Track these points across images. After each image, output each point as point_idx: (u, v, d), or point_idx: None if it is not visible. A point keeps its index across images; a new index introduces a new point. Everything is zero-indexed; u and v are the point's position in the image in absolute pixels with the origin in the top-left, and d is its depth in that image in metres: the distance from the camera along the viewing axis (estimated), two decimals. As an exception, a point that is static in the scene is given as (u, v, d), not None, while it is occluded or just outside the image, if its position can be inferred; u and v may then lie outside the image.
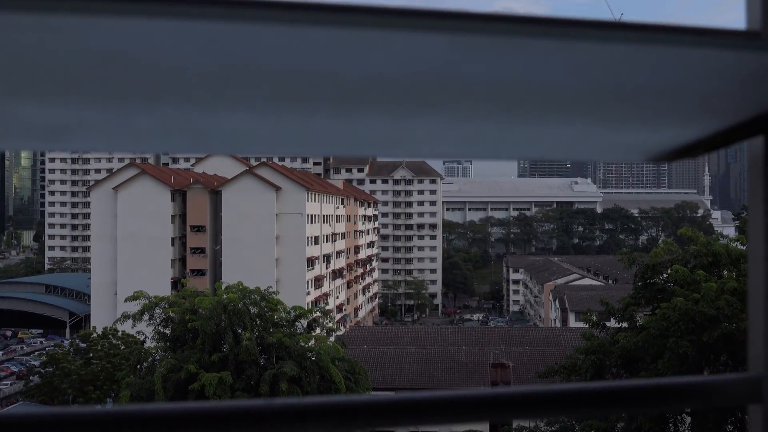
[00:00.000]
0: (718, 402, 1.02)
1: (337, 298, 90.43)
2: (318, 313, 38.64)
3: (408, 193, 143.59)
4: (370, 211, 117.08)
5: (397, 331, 62.35)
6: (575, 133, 1.11)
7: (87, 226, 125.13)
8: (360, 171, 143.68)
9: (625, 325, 26.85)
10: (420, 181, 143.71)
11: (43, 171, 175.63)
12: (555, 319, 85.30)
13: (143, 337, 37.36)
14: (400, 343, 54.80)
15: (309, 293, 76.85)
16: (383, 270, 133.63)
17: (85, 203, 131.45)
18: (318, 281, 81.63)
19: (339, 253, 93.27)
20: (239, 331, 33.81)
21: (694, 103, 1.01)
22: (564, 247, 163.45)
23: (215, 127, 0.97)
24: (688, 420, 24.14)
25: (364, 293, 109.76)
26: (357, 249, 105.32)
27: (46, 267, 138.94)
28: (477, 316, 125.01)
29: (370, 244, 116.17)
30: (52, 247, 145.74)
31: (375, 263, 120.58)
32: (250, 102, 0.89)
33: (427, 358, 50.69)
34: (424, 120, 1.00)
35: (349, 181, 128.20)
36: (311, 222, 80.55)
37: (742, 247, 27.26)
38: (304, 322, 36.10)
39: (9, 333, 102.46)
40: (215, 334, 33.21)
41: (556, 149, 1.17)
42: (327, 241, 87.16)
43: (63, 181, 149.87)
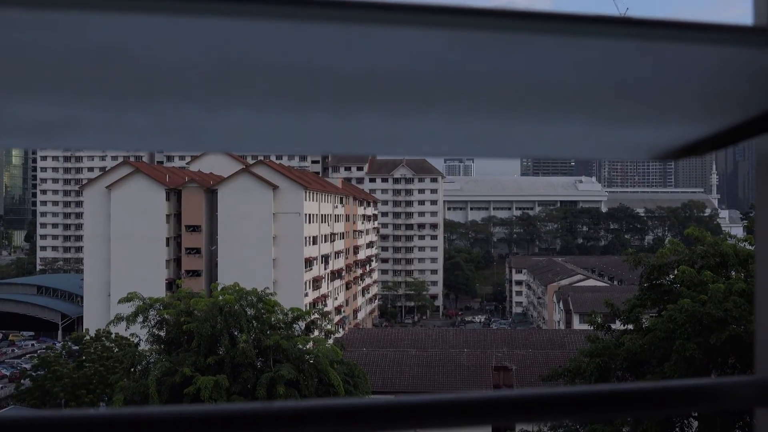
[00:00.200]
0: (724, 405, 1.02)
1: (335, 299, 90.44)
2: (316, 315, 38.64)
3: (408, 192, 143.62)
4: (370, 211, 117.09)
5: (398, 334, 62.34)
6: (579, 131, 1.11)
7: (79, 226, 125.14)
8: (359, 169, 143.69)
9: (630, 327, 26.86)
10: (421, 180, 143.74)
11: (34, 169, 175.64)
12: (559, 321, 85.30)
13: (137, 339, 37.34)
14: (400, 346, 54.80)
15: (307, 294, 76.85)
16: (383, 271, 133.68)
17: (78, 202, 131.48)
18: (316, 282, 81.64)
19: (338, 253, 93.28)
20: (235, 333, 33.80)
21: (700, 100, 1.01)
22: (568, 247, 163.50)
23: (212, 125, 0.97)
24: (695, 424, 24.14)
25: (363, 294, 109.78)
26: (356, 249, 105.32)
27: (38, 268, 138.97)
28: (479, 318, 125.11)
29: (370, 245, 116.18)
30: (43, 248, 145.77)
31: (374, 264, 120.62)
32: (248, 99, 0.89)
33: (428, 361, 50.68)
34: (424, 117, 1.00)
35: (348, 179, 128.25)
36: (309, 222, 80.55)
37: (750, 247, 27.27)
38: (302, 324, 36.10)
39: (0, 335, 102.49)
40: (211, 336, 33.20)
41: (560, 147, 1.18)
42: (325, 242, 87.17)
43: (55, 180, 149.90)
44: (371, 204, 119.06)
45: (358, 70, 0.84)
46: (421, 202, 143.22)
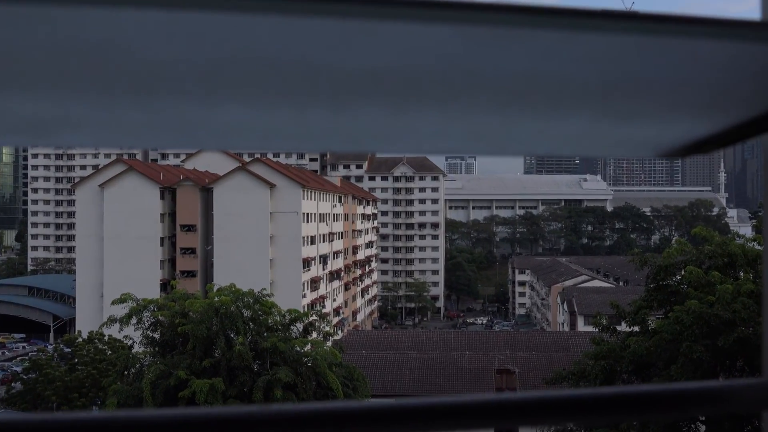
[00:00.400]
0: (732, 408, 1.02)
1: (334, 300, 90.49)
2: (314, 317, 38.66)
3: (409, 190, 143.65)
4: (369, 210, 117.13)
5: (398, 336, 62.39)
6: (583, 128, 1.11)
7: (72, 226, 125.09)
8: (358, 167, 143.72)
9: (636, 329, 26.88)
10: (421, 178, 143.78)
11: (25, 167, 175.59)
12: (563, 323, 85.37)
13: (131, 341, 37.35)
14: (400, 348, 54.84)
15: (305, 296, 76.90)
16: (383, 271, 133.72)
17: (70, 201, 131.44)
18: (314, 283, 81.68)
19: (336, 253, 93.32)
20: (232, 335, 33.82)
21: (707, 96, 1.01)
22: (572, 247, 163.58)
23: (207, 122, 0.97)
24: (703, 428, 24.17)
25: (362, 296, 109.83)
26: (355, 249, 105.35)
27: (29, 268, 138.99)
28: (481, 320, 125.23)
29: (369, 244, 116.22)
30: (35, 248, 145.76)
31: (374, 264, 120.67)
32: (244, 95, 0.89)
33: (429, 363, 50.70)
34: (425, 114, 1.00)
35: (347, 178, 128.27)
36: (307, 221, 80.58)
37: (759, 247, 27.29)
38: (300, 326, 36.12)
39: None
40: (206, 338, 33.22)
41: (564, 144, 1.17)
42: (324, 241, 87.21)
43: (47, 178, 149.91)
44: (371, 203, 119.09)
45: (358, 66, 0.84)
46: (422, 201, 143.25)
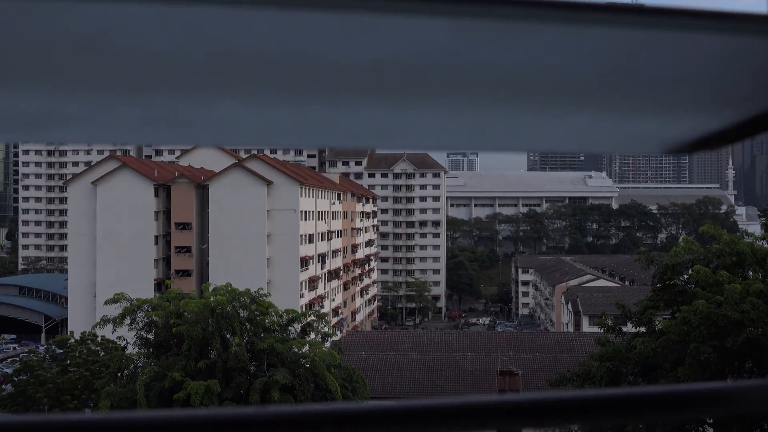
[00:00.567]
0: (740, 410, 1.02)
1: (333, 300, 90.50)
2: (312, 317, 38.66)
3: (409, 187, 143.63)
4: (369, 207, 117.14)
5: (398, 336, 62.41)
6: (588, 124, 1.10)
7: (64, 224, 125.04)
8: (358, 164, 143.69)
9: (642, 329, 26.90)
10: (422, 175, 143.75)
11: (16, 164, 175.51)
12: (567, 324, 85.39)
13: (124, 342, 37.35)
14: (400, 349, 54.86)
15: (303, 295, 76.90)
16: (383, 270, 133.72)
17: (62, 198, 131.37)
18: (312, 282, 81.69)
19: (335, 252, 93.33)
20: (228, 336, 33.83)
21: (714, 91, 1.01)
22: (577, 245, 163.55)
23: (203, 117, 0.96)
24: (711, 430, 24.19)
25: (362, 295, 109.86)
26: (354, 248, 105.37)
27: (20, 267, 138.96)
28: (483, 320, 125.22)
29: (369, 243, 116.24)
30: (26, 246, 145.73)
31: (374, 263, 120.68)
32: (241, 90, 0.89)
33: (430, 365, 50.72)
34: (426, 110, 1.00)
35: (345, 174, 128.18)
36: (305, 219, 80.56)
37: (768, 245, 27.29)
38: (298, 327, 36.13)
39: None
40: (202, 339, 33.23)
41: (568, 141, 1.17)
42: (322, 240, 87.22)
43: (38, 175, 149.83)
44: (370, 200, 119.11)
45: (357, 60, 0.84)
46: (423, 199, 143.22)
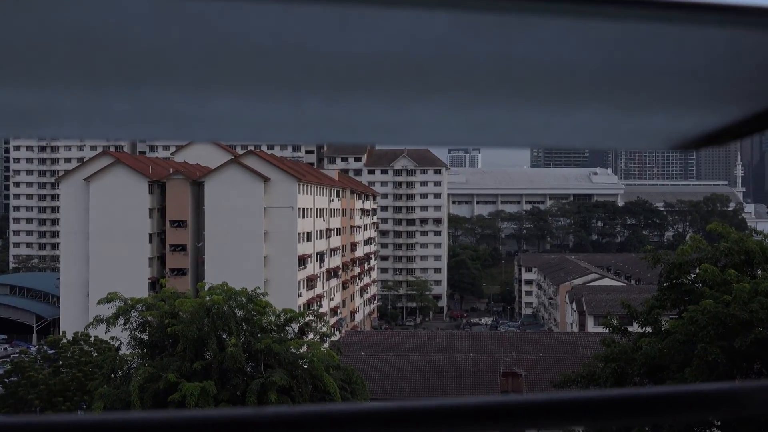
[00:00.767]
0: (748, 411, 1.02)
1: (331, 300, 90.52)
2: (311, 317, 38.67)
3: (410, 184, 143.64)
4: (369, 205, 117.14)
5: (398, 337, 62.42)
6: (592, 119, 1.10)
7: (56, 221, 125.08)
8: (357, 160, 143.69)
9: (648, 329, 26.91)
10: (423, 172, 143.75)
11: (6, 160, 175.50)
12: (572, 324, 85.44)
13: (118, 343, 37.36)
14: (401, 350, 54.88)
15: (301, 295, 76.92)
16: (383, 269, 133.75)
17: (54, 195, 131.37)
18: (311, 281, 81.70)
19: (334, 250, 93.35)
20: (224, 336, 33.84)
21: (721, 86, 1.00)
22: (582, 243, 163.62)
23: (199, 112, 0.96)
24: (718, 433, 24.21)
25: (361, 295, 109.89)
26: (354, 246, 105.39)
27: (11, 266, 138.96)
28: (486, 320, 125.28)
29: (369, 241, 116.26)
30: (17, 244, 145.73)
31: (374, 262, 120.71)
32: (237, 85, 0.89)
33: (431, 366, 50.75)
34: (427, 104, 1.00)
35: (345, 171, 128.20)
36: (303, 216, 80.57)
37: (777, 243, 27.30)
38: (296, 327, 36.14)
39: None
40: (197, 339, 33.24)
41: (572, 136, 1.17)
42: (321, 238, 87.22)
43: (29, 171, 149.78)
44: (370, 197, 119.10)
45: (357, 54, 0.84)
46: (424, 196, 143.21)
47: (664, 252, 29.82)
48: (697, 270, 26.93)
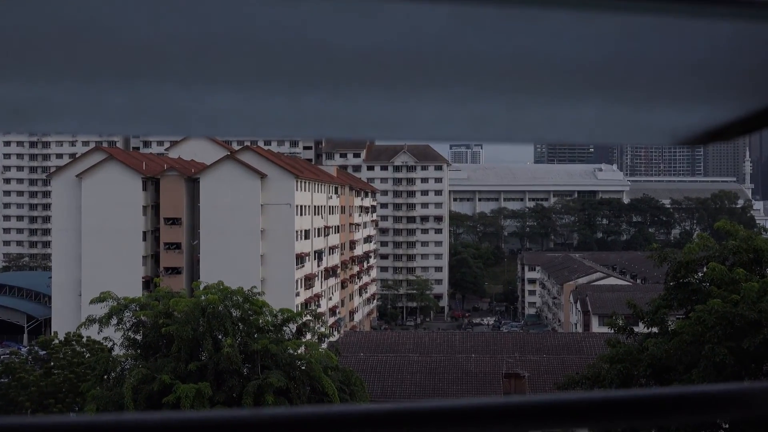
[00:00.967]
0: (756, 412, 1.02)
1: (330, 299, 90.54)
2: (308, 317, 38.69)
3: (410, 181, 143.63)
4: (368, 202, 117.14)
5: (398, 337, 62.44)
6: (597, 114, 1.11)
7: (47, 218, 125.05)
8: (356, 156, 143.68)
9: (655, 330, 26.92)
10: (424, 168, 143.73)
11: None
12: (576, 324, 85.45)
13: (111, 343, 37.38)
14: (401, 351, 54.90)
15: (298, 294, 76.92)
16: (382, 268, 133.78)
17: (45, 192, 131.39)
18: (308, 281, 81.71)
19: (332, 248, 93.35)
20: (219, 336, 33.84)
21: (729, 80, 1.00)
22: (586, 242, 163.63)
23: (195, 107, 0.96)
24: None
25: (360, 294, 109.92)
26: (353, 244, 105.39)
27: (1, 265, 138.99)
28: (488, 320, 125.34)
29: (368, 239, 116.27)
30: (7, 242, 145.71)
31: (373, 260, 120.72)
32: (234, 79, 0.89)
33: (432, 367, 50.78)
34: (428, 99, 1.00)
35: (343, 167, 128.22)
36: (301, 214, 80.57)
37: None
38: (293, 327, 36.14)
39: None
40: (192, 340, 33.25)
41: (576, 131, 1.17)
42: (319, 236, 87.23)
43: (20, 168, 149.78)
44: (369, 194, 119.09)
45: (356, 48, 0.84)
46: (425, 193, 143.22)
47: (671, 250, 29.83)
48: (705, 269, 26.94)
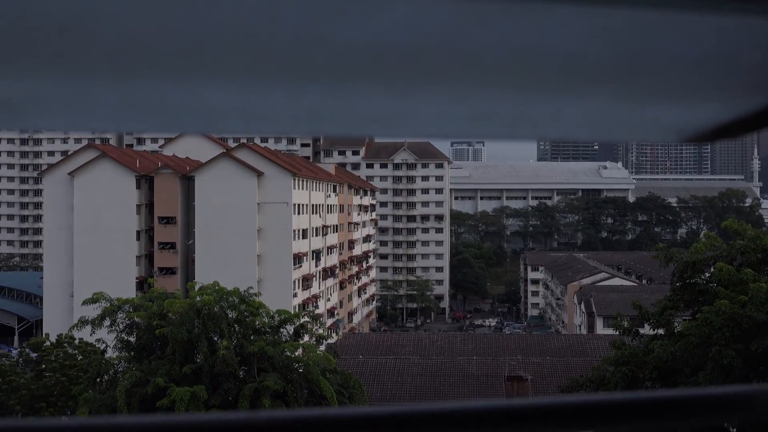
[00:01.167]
0: (764, 416, 1.02)
1: (328, 300, 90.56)
2: (306, 318, 38.69)
3: (410, 179, 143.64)
4: (367, 200, 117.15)
5: (398, 339, 62.46)
6: (602, 110, 1.11)
7: (38, 217, 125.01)
8: (355, 154, 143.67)
9: (661, 331, 26.93)
10: (424, 166, 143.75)
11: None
12: (580, 325, 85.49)
13: (104, 345, 37.40)
14: (401, 353, 54.92)
15: (296, 295, 76.94)
16: (382, 268, 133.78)
17: (37, 191, 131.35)
18: (306, 281, 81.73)
19: (331, 248, 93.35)
20: (215, 338, 33.85)
21: (736, 76, 1.00)
22: (591, 241, 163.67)
23: (191, 103, 0.96)
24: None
25: (359, 295, 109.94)
26: (352, 244, 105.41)
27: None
28: (490, 322, 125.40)
29: (367, 239, 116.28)
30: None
31: (372, 260, 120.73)
32: (231, 74, 0.89)
33: (433, 370, 50.80)
34: (429, 95, 1.00)
35: (342, 165, 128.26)
36: (298, 212, 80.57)
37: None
38: (291, 329, 36.14)
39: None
40: (187, 342, 33.25)
41: (581, 128, 1.17)
42: (317, 235, 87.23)
43: (10, 165, 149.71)
44: (368, 193, 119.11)
45: (355, 42, 0.83)
46: (425, 191, 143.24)
47: (677, 250, 29.81)
48: (712, 269, 26.95)
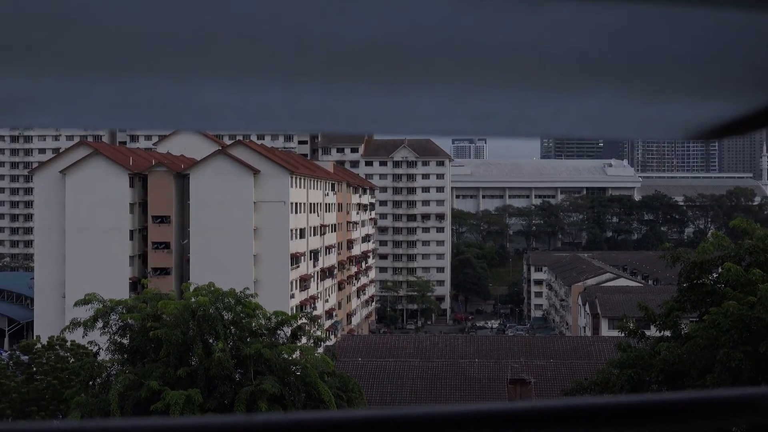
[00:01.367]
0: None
1: (326, 301, 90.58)
2: (304, 320, 38.69)
3: (411, 177, 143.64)
4: (366, 199, 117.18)
5: (398, 341, 62.53)
6: (605, 107, 1.11)
7: (29, 216, 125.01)
8: (354, 151, 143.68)
9: (667, 333, 26.94)
10: (425, 164, 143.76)
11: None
12: (584, 327, 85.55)
13: (96, 348, 37.40)
14: (401, 355, 54.97)
15: (293, 296, 76.94)
16: (381, 268, 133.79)
17: (28, 189, 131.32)
18: (304, 282, 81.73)
19: (329, 248, 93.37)
20: (210, 341, 33.86)
21: (743, 72, 1.00)
22: (595, 241, 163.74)
23: (187, 100, 0.97)
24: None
25: (358, 296, 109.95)
26: (350, 244, 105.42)
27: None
28: (492, 323, 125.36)
29: (366, 238, 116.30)
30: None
31: (372, 260, 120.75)
32: (228, 71, 0.89)
33: (433, 372, 50.83)
34: (429, 92, 1.00)
35: (340, 163, 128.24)
36: (296, 211, 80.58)
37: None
38: (288, 331, 36.15)
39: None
40: (182, 344, 33.25)
41: (585, 125, 1.17)
42: (314, 235, 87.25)
43: (1, 163, 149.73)
44: (368, 191, 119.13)
45: (354, 39, 0.84)
46: (426, 189, 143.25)
47: (684, 250, 29.82)
48: (720, 269, 26.95)
